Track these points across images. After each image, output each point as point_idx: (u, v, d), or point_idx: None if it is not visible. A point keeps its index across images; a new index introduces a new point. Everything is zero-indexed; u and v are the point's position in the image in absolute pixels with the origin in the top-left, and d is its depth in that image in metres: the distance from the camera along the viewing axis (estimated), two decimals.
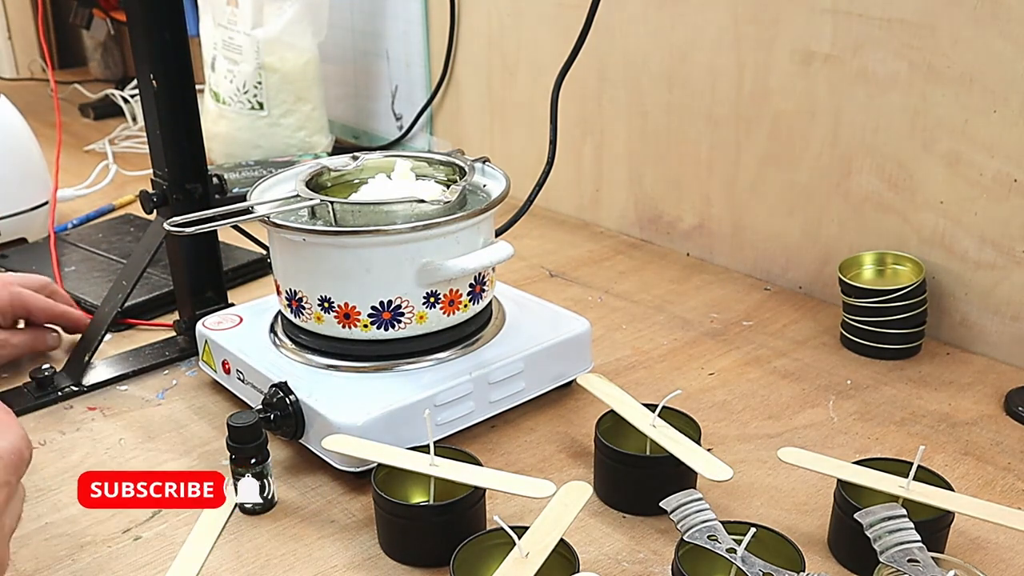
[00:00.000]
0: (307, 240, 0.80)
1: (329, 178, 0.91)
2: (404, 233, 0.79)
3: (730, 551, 0.62)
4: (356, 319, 0.82)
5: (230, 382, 0.90)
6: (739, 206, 1.18)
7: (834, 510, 0.71)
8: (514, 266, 1.21)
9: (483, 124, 1.50)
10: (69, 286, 1.14)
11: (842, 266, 1.01)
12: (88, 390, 0.94)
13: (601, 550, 0.72)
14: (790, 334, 1.04)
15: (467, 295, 0.84)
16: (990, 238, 0.95)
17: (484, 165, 0.91)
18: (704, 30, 1.14)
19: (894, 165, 1.01)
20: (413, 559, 0.71)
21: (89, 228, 1.37)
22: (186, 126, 0.95)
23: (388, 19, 1.60)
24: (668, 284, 1.18)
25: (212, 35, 1.55)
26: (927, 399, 0.91)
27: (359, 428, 0.76)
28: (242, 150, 1.55)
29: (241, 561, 0.71)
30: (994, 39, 0.90)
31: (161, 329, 1.07)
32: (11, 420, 0.63)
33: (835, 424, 0.87)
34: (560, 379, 0.90)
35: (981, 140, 0.93)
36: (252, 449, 0.75)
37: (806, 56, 1.05)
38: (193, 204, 0.96)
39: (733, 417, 0.89)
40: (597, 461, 0.78)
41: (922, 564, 0.59)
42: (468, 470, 0.71)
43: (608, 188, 1.34)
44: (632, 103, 1.26)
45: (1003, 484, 0.79)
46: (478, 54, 1.47)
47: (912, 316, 0.96)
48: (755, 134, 1.13)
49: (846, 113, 1.03)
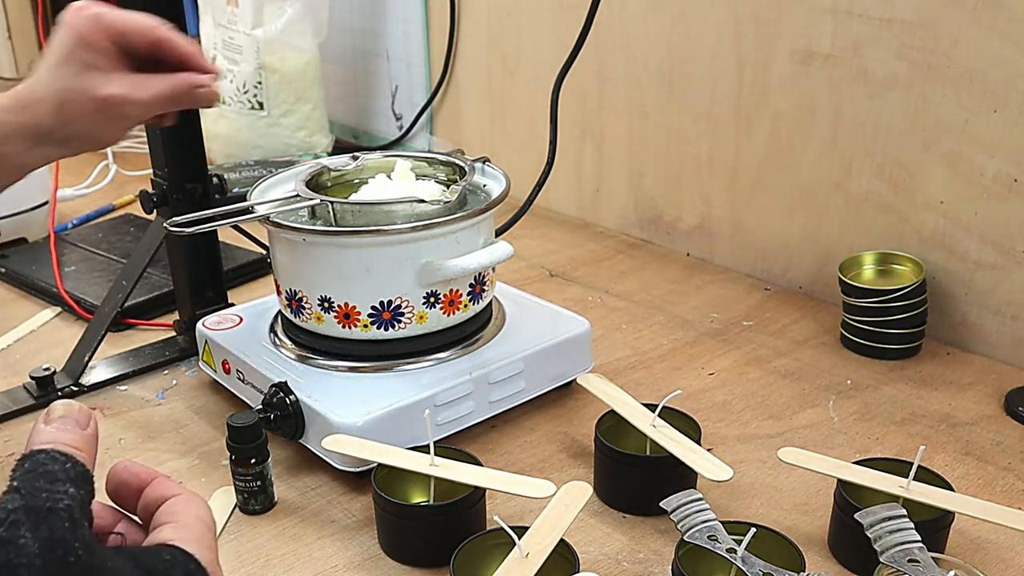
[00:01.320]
0: (307, 240, 0.80)
1: (329, 178, 0.91)
2: (404, 233, 0.79)
3: (730, 551, 0.62)
4: (356, 319, 0.81)
5: (230, 382, 0.90)
6: (739, 206, 1.18)
7: (834, 510, 0.71)
8: (514, 266, 1.21)
9: (483, 124, 1.50)
10: (69, 286, 1.14)
11: (842, 266, 1.01)
12: (88, 390, 0.94)
13: (601, 550, 0.72)
14: (790, 334, 1.04)
15: (467, 295, 0.84)
16: (990, 238, 0.95)
17: (484, 165, 0.91)
18: (704, 30, 1.14)
19: (894, 165, 1.01)
20: (413, 559, 0.71)
21: (89, 228, 1.37)
22: (186, 126, 0.95)
23: (388, 19, 1.60)
24: (668, 284, 1.18)
25: (212, 35, 1.55)
26: (927, 399, 0.91)
27: (359, 428, 0.76)
28: (242, 150, 1.55)
29: (241, 561, 0.71)
30: (994, 39, 0.90)
31: (161, 329, 1.07)
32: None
33: (835, 424, 0.87)
34: (560, 379, 0.90)
35: (981, 140, 0.93)
36: (252, 449, 0.75)
37: (806, 56, 1.05)
38: (193, 204, 0.96)
39: (733, 417, 0.89)
40: (597, 461, 0.78)
41: (922, 564, 0.59)
42: (468, 470, 0.71)
43: (608, 188, 1.34)
44: (632, 103, 1.26)
45: (1003, 484, 0.79)
46: (478, 54, 1.47)
47: (912, 316, 0.96)
48: (755, 134, 1.13)
49: (846, 113, 1.03)
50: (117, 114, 0.70)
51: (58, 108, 0.68)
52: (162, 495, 0.47)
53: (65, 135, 0.70)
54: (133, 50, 0.71)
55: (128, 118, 0.71)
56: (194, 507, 0.47)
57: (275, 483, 0.78)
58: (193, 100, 0.74)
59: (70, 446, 0.43)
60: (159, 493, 0.47)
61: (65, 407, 0.45)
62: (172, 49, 0.73)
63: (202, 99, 0.74)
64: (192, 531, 0.45)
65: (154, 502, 0.47)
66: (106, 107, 0.69)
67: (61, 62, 0.69)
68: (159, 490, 0.47)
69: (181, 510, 0.46)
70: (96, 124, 0.70)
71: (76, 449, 0.43)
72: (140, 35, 0.71)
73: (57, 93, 0.68)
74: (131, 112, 0.71)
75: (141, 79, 0.71)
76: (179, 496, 0.47)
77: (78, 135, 0.70)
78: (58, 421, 0.44)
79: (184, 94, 0.73)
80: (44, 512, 0.38)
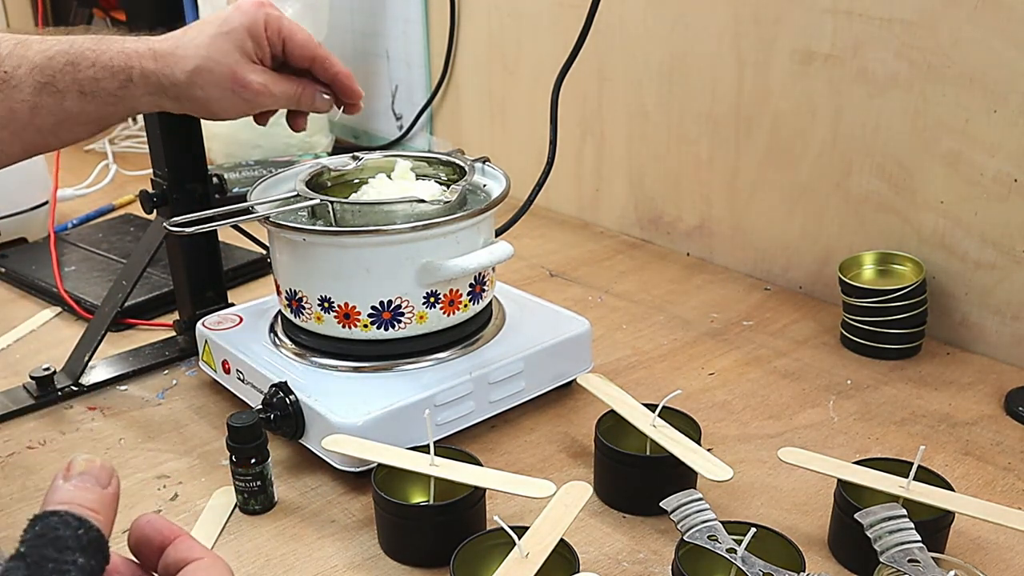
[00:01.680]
0: (307, 240, 0.80)
1: (329, 178, 0.91)
2: (404, 233, 0.79)
3: (730, 551, 0.62)
4: (356, 319, 0.81)
5: (230, 382, 0.90)
6: (739, 206, 1.18)
7: (834, 510, 0.71)
8: (514, 266, 1.21)
9: (483, 124, 1.50)
10: (69, 286, 1.14)
11: (842, 266, 1.01)
12: (88, 390, 0.94)
13: (601, 550, 0.72)
14: (790, 334, 1.04)
15: (467, 295, 0.84)
16: (990, 238, 0.95)
17: (484, 165, 0.91)
18: (704, 30, 1.14)
19: (894, 165, 1.01)
20: (413, 559, 0.71)
21: (89, 228, 1.37)
22: (186, 126, 0.95)
23: (388, 19, 1.60)
24: (668, 284, 1.18)
25: None
26: (927, 399, 0.91)
27: (359, 428, 0.76)
28: (242, 150, 1.55)
29: (241, 561, 0.71)
30: (994, 39, 0.90)
31: (161, 329, 1.07)
32: None
33: (835, 424, 0.87)
34: (560, 379, 0.90)
35: (981, 140, 0.93)
36: (252, 449, 0.75)
37: (806, 56, 1.05)
38: (193, 204, 0.96)
39: (733, 417, 0.89)
40: (597, 461, 0.78)
41: (922, 564, 0.59)
42: (468, 470, 0.71)
43: (608, 188, 1.34)
44: (632, 103, 1.26)
45: (1003, 484, 0.79)
46: (478, 54, 1.47)
47: (912, 316, 0.96)
48: (755, 134, 1.13)
49: (846, 113, 1.03)
50: (247, 99, 0.77)
51: (196, 70, 0.74)
52: (185, 558, 0.45)
53: (187, 95, 0.75)
54: (290, 59, 0.79)
55: (254, 104, 0.78)
56: (216, 573, 0.45)
57: (275, 483, 0.78)
58: (313, 106, 0.82)
59: (87, 508, 0.41)
60: (182, 555, 0.45)
61: (86, 463, 0.43)
62: (328, 68, 0.81)
63: (320, 107, 0.82)
64: None
65: (175, 564, 0.45)
66: (242, 90, 0.76)
67: (220, 34, 0.75)
68: (182, 551, 0.45)
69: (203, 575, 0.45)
70: (222, 99, 0.76)
71: (92, 512, 0.41)
72: (303, 48, 0.79)
73: (202, 58, 0.74)
74: (262, 101, 0.78)
75: (279, 76, 0.79)
76: (202, 560, 0.45)
77: (199, 100, 0.76)
78: (78, 478, 0.42)
79: (308, 99, 0.81)
80: None
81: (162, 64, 0.74)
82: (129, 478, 0.81)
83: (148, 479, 0.81)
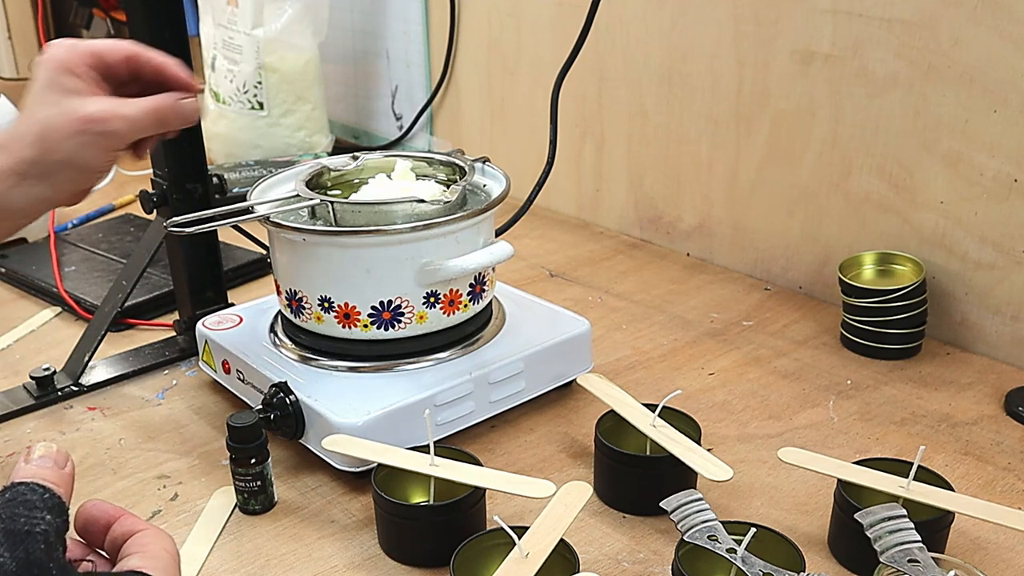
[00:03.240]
0: (307, 240, 0.80)
1: (329, 178, 0.91)
2: (404, 233, 0.79)
3: (730, 551, 0.62)
4: (356, 319, 0.82)
5: (230, 382, 0.90)
6: (739, 206, 1.18)
7: (834, 510, 0.71)
8: (514, 266, 1.21)
9: (483, 124, 1.50)
10: (69, 286, 1.14)
11: (842, 266, 1.01)
12: (88, 390, 0.94)
13: (601, 550, 0.72)
14: (790, 334, 1.04)
15: (467, 295, 0.84)
16: (990, 238, 0.95)
17: (484, 165, 0.91)
18: (704, 30, 1.14)
19: (894, 165, 1.01)
20: (413, 559, 0.71)
21: (89, 228, 1.37)
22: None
23: (388, 19, 1.60)
24: (668, 284, 1.18)
25: (212, 35, 1.55)
26: (927, 399, 0.91)
27: (359, 428, 0.76)
28: (242, 150, 1.55)
29: (241, 561, 0.71)
30: (994, 39, 0.90)
31: (161, 329, 1.07)
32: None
33: (835, 424, 0.87)
34: (560, 379, 0.90)
35: (981, 140, 0.93)
36: (252, 449, 0.75)
37: (806, 56, 1.05)
38: (193, 204, 0.96)
39: (733, 417, 0.89)
40: (597, 461, 0.78)
41: (922, 564, 0.59)
42: (468, 470, 0.71)
43: (608, 188, 1.34)
44: (632, 103, 1.26)
45: (1003, 484, 0.79)
46: (478, 54, 1.47)
47: (912, 316, 0.96)
48: (755, 134, 1.13)
49: (846, 113, 1.03)
50: (101, 132, 0.68)
51: (39, 137, 0.67)
52: (130, 530, 0.49)
53: (48, 166, 0.68)
54: (111, 71, 0.71)
55: (113, 136, 0.69)
56: (161, 541, 0.49)
57: (275, 483, 0.78)
58: (178, 114, 0.73)
59: (49, 481, 0.46)
60: (127, 528, 0.49)
61: (45, 448, 0.48)
62: (147, 61, 0.72)
63: (187, 111, 0.73)
64: (159, 562, 0.47)
65: (121, 536, 0.49)
66: (89, 125, 0.68)
67: (42, 92, 0.69)
68: (127, 525, 0.49)
69: (149, 542, 0.48)
70: (80, 148, 0.68)
71: (54, 484, 0.46)
72: (113, 52, 0.71)
73: (39, 122, 0.68)
74: (116, 127, 0.69)
75: (123, 100, 0.70)
76: (146, 531, 0.49)
77: (62, 164, 0.68)
78: (38, 459, 0.47)
79: (168, 108, 0.72)
80: (22, 535, 0.41)
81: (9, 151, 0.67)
82: (129, 478, 0.81)
83: (148, 479, 0.81)
